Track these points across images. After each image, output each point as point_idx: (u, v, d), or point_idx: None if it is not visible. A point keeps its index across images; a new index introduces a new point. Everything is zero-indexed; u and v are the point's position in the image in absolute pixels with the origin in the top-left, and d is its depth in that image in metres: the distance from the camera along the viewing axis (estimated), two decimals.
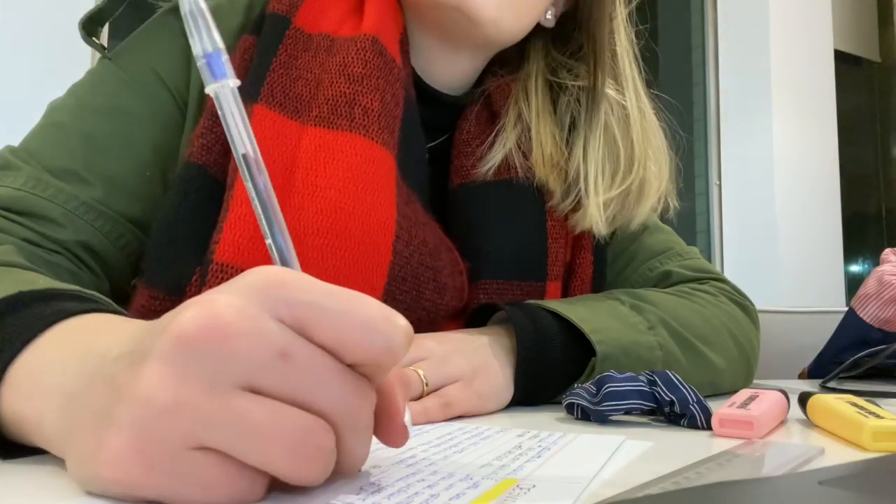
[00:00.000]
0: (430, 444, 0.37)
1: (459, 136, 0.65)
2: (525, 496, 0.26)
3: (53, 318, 0.32)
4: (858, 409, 0.41)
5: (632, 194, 0.66)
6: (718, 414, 0.42)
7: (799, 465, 0.33)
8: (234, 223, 0.49)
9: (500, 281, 0.62)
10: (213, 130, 0.54)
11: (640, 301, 0.62)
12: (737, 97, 2.82)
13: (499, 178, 0.64)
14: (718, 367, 0.64)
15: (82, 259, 0.53)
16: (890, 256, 1.00)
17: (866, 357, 0.80)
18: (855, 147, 3.14)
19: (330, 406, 0.24)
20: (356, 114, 0.54)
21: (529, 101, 0.67)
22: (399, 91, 0.58)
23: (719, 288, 0.72)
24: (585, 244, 0.68)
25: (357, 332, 0.25)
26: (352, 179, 0.52)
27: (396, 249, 0.53)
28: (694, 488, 0.25)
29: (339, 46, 0.57)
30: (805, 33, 2.79)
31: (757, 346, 0.71)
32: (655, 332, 0.59)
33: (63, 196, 0.52)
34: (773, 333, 1.46)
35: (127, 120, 0.55)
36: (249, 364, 0.23)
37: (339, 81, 0.55)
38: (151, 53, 0.58)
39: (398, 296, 0.54)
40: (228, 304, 0.24)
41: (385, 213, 0.53)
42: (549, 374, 0.54)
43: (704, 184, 2.89)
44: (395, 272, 0.53)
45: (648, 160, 0.67)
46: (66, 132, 0.54)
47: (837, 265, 2.77)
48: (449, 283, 0.58)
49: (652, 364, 0.57)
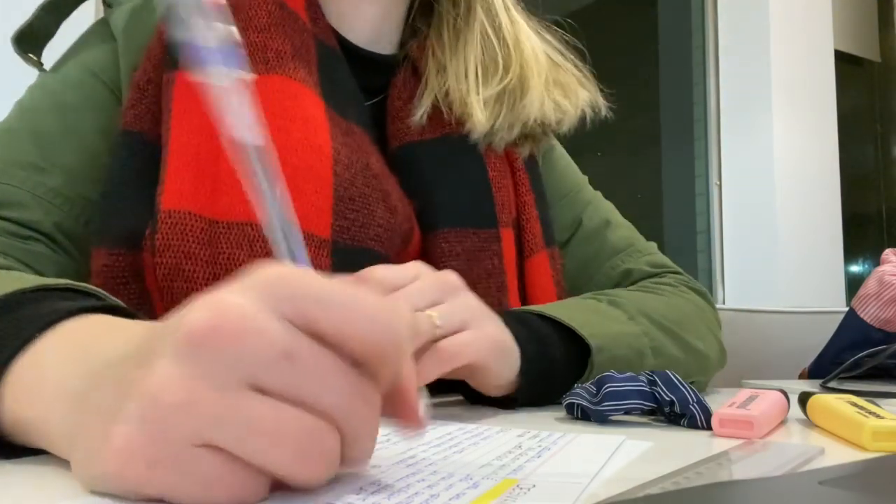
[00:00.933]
0: (430, 444, 0.37)
1: (391, 102, 0.68)
2: (525, 496, 0.26)
3: (51, 318, 0.32)
4: (858, 409, 0.41)
5: (514, 91, 0.69)
6: (718, 414, 0.42)
7: (799, 465, 0.33)
8: (173, 175, 0.53)
9: (457, 229, 0.64)
10: (141, 102, 0.57)
11: (614, 297, 0.64)
12: (737, 97, 2.82)
13: (434, 135, 0.67)
14: (703, 352, 0.66)
15: (58, 242, 0.56)
16: (890, 256, 1.00)
17: (866, 357, 0.80)
18: (855, 147, 3.14)
19: (334, 407, 0.24)
20: (269, 57, 0.58)
21: (443, 48, 0.70)
22: (308, 40, 0.61)
23: (677, 279, 0.74)
24: (527, 200, 0.70)
25: (361, 324, 0.25)
26: (277, 114, 0.55)
27: (337, 172, 0.56)
28: (694, 488, 0.25)
29: (242, 4, 0.60)
30: (805, 33, 2.78)
31: (720, 331, 0.73)
32: (637, 322, 0.61)
33: (30, 183, 0.55)
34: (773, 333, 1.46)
35: (72, 114, 0.59)
36: (255, 363, 0.23)
37: (248, 33, 0.58)
38: (84, 56, 0.62)
39: (349, 214, 0.56)
40: (235, 304, 0.24)
41: (318, 139, 0.56)
42: (554, 374, 0.54)
43: (704, 184, 2.89)
44: (339, 193, 0.56)
45: (525, 61, 0.70)
46: (17, 134, 0.58)
47: (837, 265, 2.77)
48: (399, 206, 0.60)
49: (641, 352, 0.58)
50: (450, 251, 0.63)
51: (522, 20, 0.73)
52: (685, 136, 2.94)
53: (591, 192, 0.80)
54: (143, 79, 0.58)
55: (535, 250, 0.69)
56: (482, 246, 0.64)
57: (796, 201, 2.69)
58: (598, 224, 0.77)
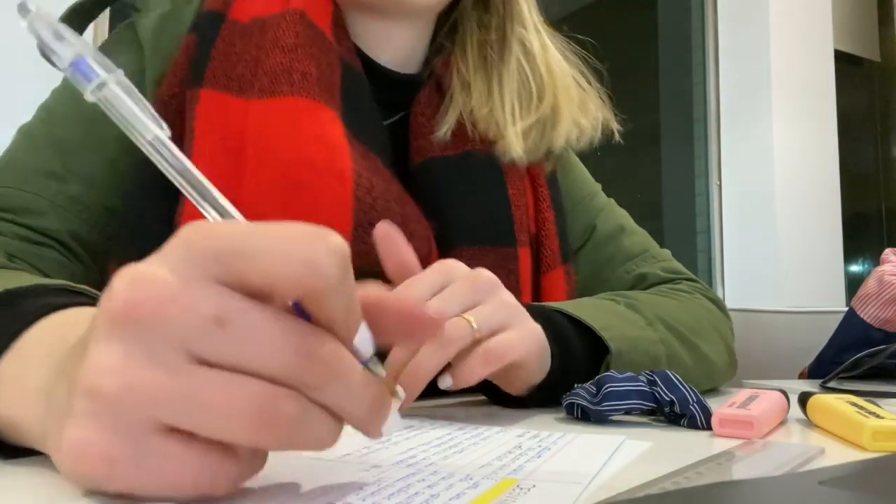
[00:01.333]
0: (429, 444, 0.37)
1: (414, 118, 0.67)
2: (525, 496, 0.26)
3: (39, 312, 0.32)
4: (858, 409, 0.41)
5: (547, 121, 0.70)
6: (718, 414, 0.42)
7: (799, 465, 0.33)
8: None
9: (474, 247, 0.63)
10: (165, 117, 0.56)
11: (633, 300, 0.63)
12: (737, 97, 2.82)
13: (457, 151, 0.66)
14: (712, 360, 0.65)
15: (72, 249, 0.56)
16: (890, 256, 1.00)
17: (866, 357, 0.80)
18: (855, 147, 3.14)
19: (281, 367, 0.23)
20: (295, 79, 0.57)
21: (468, 65, 0.70)
22: (334, 60, 0.61)
23: (693, 287, 0.74)
24: (547, 217, 0.70)
25: (282, 267, 0.22)
26: (301, 137, 0.55)
27: (357, 196, 0.55)
28: (694, 488, 0.25)
29: (270, 23, 0.60)
30: (805, 33, 2.78)
31: (734, 340, 0.73)
32: (654, 328, 0.60)
33: (49, 191, 0.55)
34: (773, 333, 1.46)
35: (93, 123, 0.58)
36: (185, 334, 0.22)
37: (275, 53, 0.58)
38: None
39: (368, 239, 0.55)
40: (153, 273, 0.22)
41: (340, 163, 0.55)
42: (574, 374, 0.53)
43: (704, 184, 2.89)
44: (360, 217, 0.55)
45: (557, 90, 0.71)
46: (38, 140, 0.58)
47: (837, 265, 2.77)
48: (416, 230, 0.60)
49: (657, 359, 0.58)
50: None
51: (550, 41, 0.73)
52: (685, 136, 2.94)
53: (605, 198, 0.80)
54: (166, 94, 0.58)
55: (552, 266, 0.69)
56: (499, 264, 0.64)
57: (796, 201, 2.69)
58: (613, 229, 0.77)
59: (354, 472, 0.30)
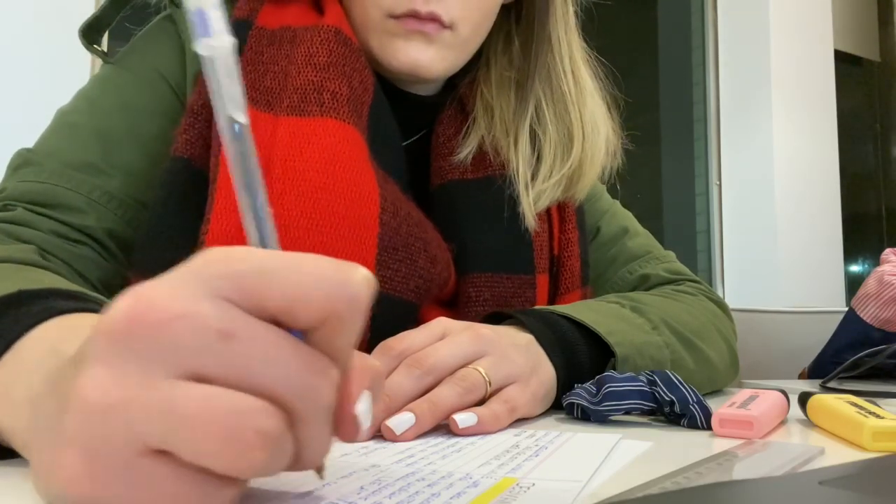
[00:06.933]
0: (429, 444, 0.37)
1: (436, 139, 0.67)
2: (525, 494, 0.26)
3: (41, 316, 0.31)
4: (858, 409, 0.41)
5: (572, 177, 0.67)
6: (718, 414, 0.42)
7: (799, 465, 0.33)
8: (220, 214, 0.52)
9: (489, 273, 0.62)
10: (194, 127, 0.56)
11: (637, 303, 0.62)
12: (737, 97, 2.82)
13: (477, 175, 0.65)
14: (715, 363, 0.65)
15: (107, 247, 0.56)
16: (890, 256, 1.00)
17: (866, 357, 0.80)
18: (855, 147, 3.14)
19: (279, 385, 0.22)
20: (325, 99, 0.56)
21: (490, 89, 0.68)
22: (367, 77, 0.60)
23: (696, 288, 0.74)
24: (571, 238, 0.69)
25: (310, 286, 0.22)
26: (329, 160, 0.54)
27: (383, 220, 0.55)
28: (694, 488, 0.25)
29: (303, 37, 0.59)
30: (805, 33, 2.78)
31: (736, 341, 0.73)
32: (660, 332, 0.60)
33: (87, 186, 0.55)
34: (773, 333, 1.46)
35: (137, 115, 0.58)
36: (188, 349, 0.21)
37: (306, 70, 0.57)
38: (152, 54, 0.61)
39: (391, 265, 0.55)
40: (159, 290, 0.22)
41: (366, 187, 0.55)
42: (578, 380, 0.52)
43: (704, 184, 2.89)
44: (384, 242, 0.54)
45: (586, 138, 0.67)
46: (80, 130, 0.57)
47: (837, 265, 2.77)
48: (438, 254, 0.59)
49: (662, 363, 0.58)
50: (477, 296, 0.61)
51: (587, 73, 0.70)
52: (685, 136, 2.94)
53: (610, 199, 0.80)
54: (197, 103, 0.57)
55: (570, 289, 0.68)
56: (515, 292, 0.63)
57: (796, 201, 2.69)
58: (617, 231, 0.76)
59: (354, 471, 0.30)
